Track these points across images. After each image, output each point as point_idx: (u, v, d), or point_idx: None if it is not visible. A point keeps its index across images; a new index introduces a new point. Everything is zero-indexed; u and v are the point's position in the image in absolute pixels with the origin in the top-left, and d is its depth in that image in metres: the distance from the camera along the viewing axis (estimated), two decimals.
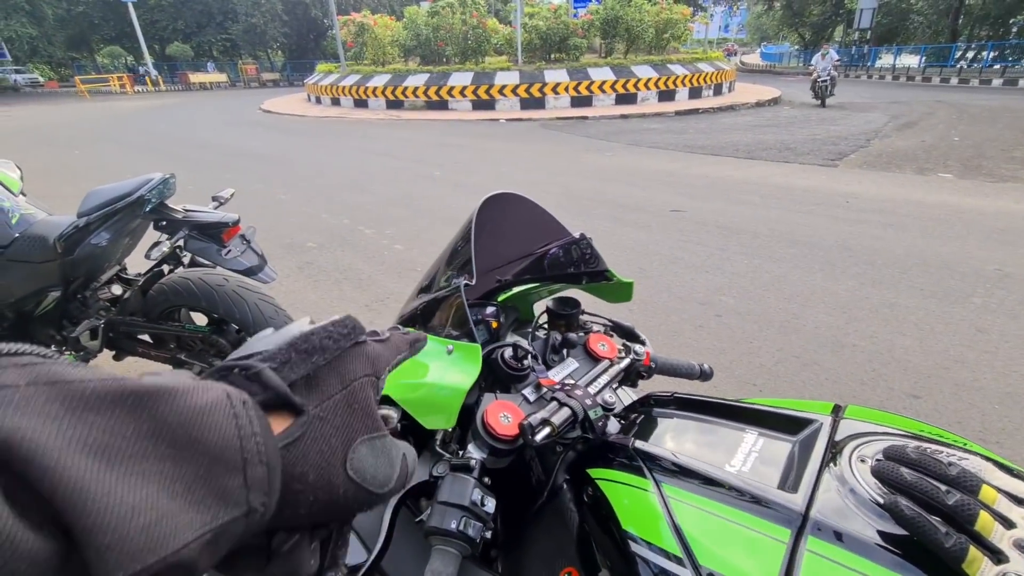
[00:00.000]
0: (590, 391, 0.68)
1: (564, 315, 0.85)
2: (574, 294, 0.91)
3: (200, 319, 2.24)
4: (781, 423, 0.63)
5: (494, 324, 0.83)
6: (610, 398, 0.70)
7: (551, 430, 0.59)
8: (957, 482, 0.44)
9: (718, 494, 0.54)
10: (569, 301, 0.86)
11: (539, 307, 0.98)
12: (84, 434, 0.20)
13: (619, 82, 14.34)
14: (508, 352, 0.71)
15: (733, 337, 2.87)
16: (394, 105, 15.71)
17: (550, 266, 0.90)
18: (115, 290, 2.24)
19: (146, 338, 2.27)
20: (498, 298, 0.90)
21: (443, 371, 0.66)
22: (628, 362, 0.79)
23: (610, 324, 0.91)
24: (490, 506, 0.56)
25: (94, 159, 8.85)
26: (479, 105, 14.64)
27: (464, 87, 14.66)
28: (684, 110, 13.26)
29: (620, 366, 0.77)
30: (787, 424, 0.63)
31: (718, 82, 16.28)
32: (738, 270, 3.73)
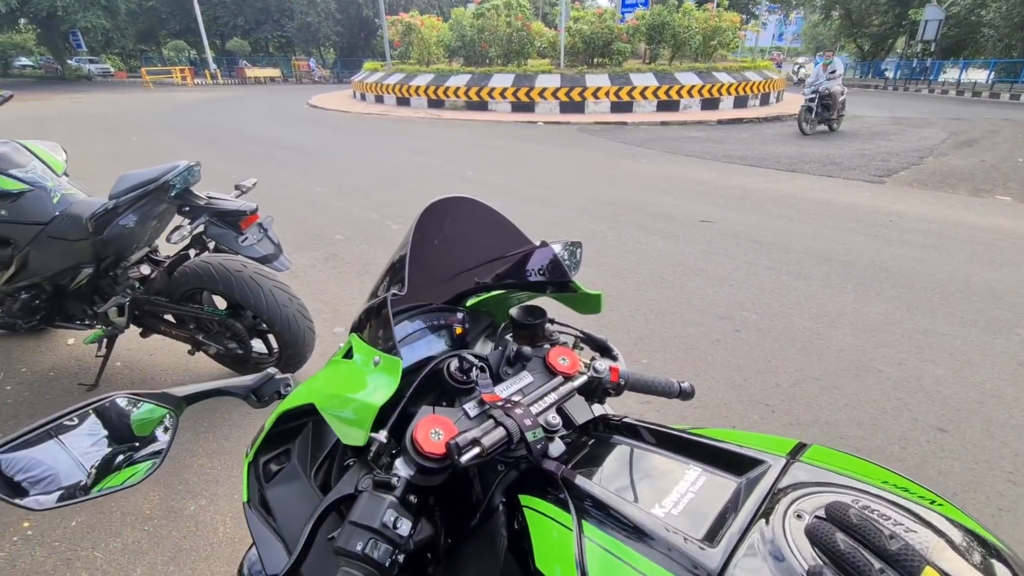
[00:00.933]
0: (532, 410, 0.63)
1: (527, 325, 0.80)
2: (544, 303, 0.88)
3: (221, 304, 2.34)
4: (731, 460, 0.59)
5: (458, 330, 0.80)
6: (553, 419, 0.64)
7: (480, 451, 0.55)
8: (896, 559, 0.40)
9: (636, 540, 0.51)
10: (534, 310, 0.81)
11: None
12: None
13: (662, 88, 14.11)
14: (454, 363, 0.68)
15: (751, 354, 2.78)
16: (435, 104, 15.94)
17: (512, 274, 0.87)
18: (144, 270, 2.36)
19: (169, 318, 2.38)
20: (465, 303, 0.88)
21: (363, 383, 0.64)
22: (584, 380, 0.73)
23: (581, 336, 0.85)
24: (404, 528, 0.53)
25: (149, 146, 9.32)
26: (518, 107, 14.69)
27: (504, 89, 14.73)
28: (727, 119, 12.93)
29: (574, 383, 0.72)
30: (737, 462, 0.58)
31: (765, 91, 15.83)
32: (764, 285, 3.61)
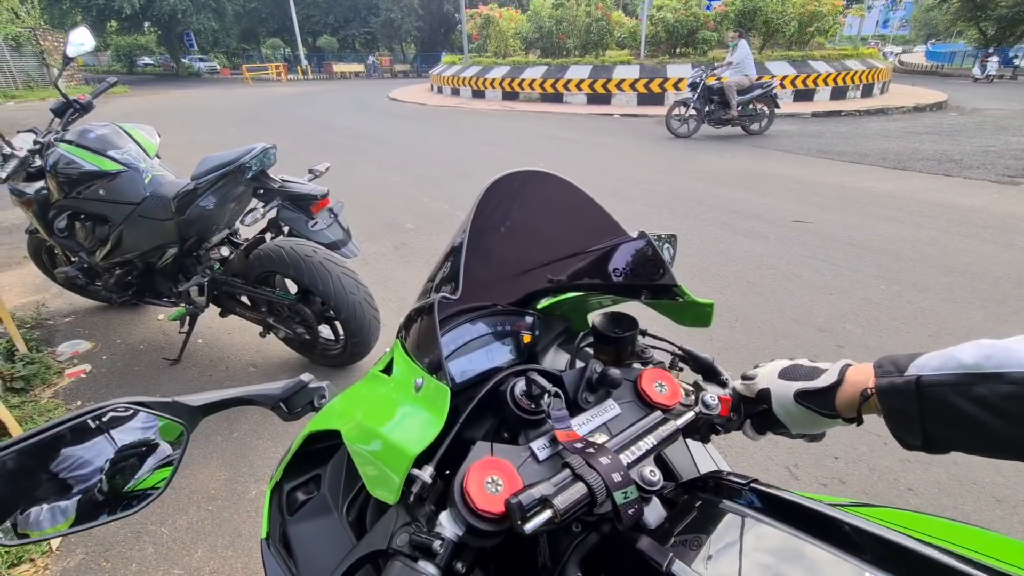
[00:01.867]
0: (622, 459, 0.46)
1: (613, 339, 0.63)
2: (631, 308, 0.69)
3: (292, 288, 2.36)
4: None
5: (526, 338, 0.66)
6: (652, 474, 0.47)
7: (552, 515, 0.40)
8: None
9: None
10: (623, 319, 0.65)
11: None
12: None
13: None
14: (521, 386, 0.52)
15: None
16: (510, 96, 15.90)
17: (596, 272, 0.68)
18: (224, 251, 2.43)
19: (244, 299, 2.44)
20: (536, 305, 0.72)
21: (400, 418, 0.51)
22: (691, 416, 0.56)
23: (681, 354, 0.67)
24: None
25: (243, 135, 9.97)
26: (594, 99, 14.33)
27: (581, 80, 14.42)
28: (822, 111, 11.85)
29: (678, 422, 0.53)
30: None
31: (868, 82, 14.35)
32: (871, 296, 3.19)
